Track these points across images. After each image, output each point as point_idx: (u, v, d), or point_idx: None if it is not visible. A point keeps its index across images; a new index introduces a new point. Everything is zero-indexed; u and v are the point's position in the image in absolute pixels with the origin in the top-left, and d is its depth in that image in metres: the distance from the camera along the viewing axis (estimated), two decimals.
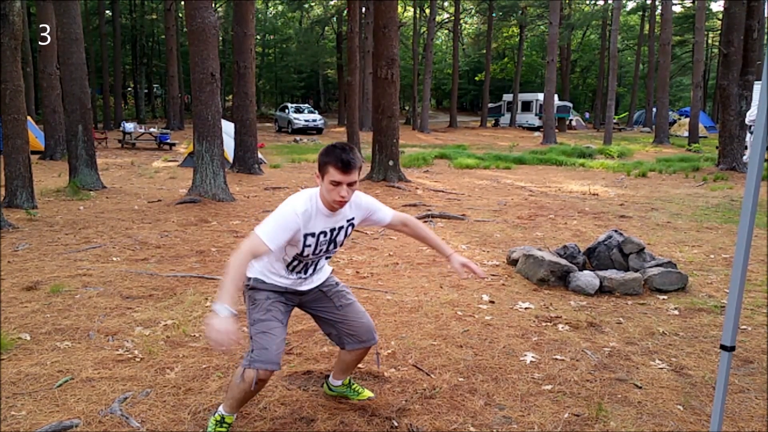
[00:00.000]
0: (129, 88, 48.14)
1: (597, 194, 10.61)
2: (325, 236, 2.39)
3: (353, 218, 2.46)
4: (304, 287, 2.53)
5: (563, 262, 4.77)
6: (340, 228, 2.42)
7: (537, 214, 8.26)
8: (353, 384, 2.81)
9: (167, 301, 4.23)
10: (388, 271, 5.18)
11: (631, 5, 47.94)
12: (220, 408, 2.47)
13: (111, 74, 34.57)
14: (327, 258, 2.56)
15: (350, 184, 2.27)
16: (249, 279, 2.47)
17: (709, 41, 47.41)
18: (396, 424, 2.58)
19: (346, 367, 2.72)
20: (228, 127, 12.98)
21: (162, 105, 45.51)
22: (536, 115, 38.23)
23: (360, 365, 3.12)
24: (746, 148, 13.95)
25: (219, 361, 3.20)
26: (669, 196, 10.31)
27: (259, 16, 44.79)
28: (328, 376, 2.88)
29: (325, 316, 2.58)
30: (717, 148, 15.23)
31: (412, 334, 3.65)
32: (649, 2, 38.79)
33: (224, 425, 2.44)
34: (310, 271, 2.49)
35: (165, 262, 5.33)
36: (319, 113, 34.67)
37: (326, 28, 47.83)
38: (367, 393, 2.81)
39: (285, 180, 12.09)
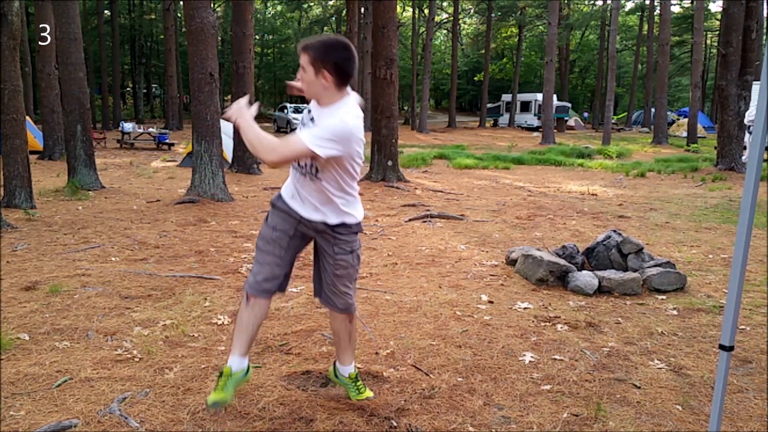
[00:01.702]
0: (128, 88, 48.12)
1: (596, 194, 10.62)
2: (307, 115, 2.52)
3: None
4: (303, 211, 2.53)
5: (562, 262, 4.78)
6: (304, 124, 2.49)
7: (536, 214, 8.26)
8: (359, 381, 2.81)
9: (166, 301, 4.22)
10: (387, 271, 5.18)
11: (629, 5, 48.06)
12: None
13: (110, 74, 34.54)
14: (309, 175, 2.50)
15: (301, 67, 2.40)
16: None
17: (708, 42, 47.48)
18: (395, 424, 2.58)
19: (339, 341, 2.75)
20: (227, 127, 12.94)
21: (161, 105, 45.51)
22: (535, 115, 38.29)
23: (359, 365, 3.12)
24: (745, 148, 13.97)
25: (218, 361, 3.20)
26: (667, 197, 10.32)
27: (258, 16, 44.82)
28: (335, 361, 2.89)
29: (325, 266, 2.62)
30: (715, 148, 15.25)
31: (411, 334, 3.65)
32: (647, 2, 38.83)
33: (223, 377, 2.51)
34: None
35: (164, 262, 5.33)
36: None
37: (325, 28, 47.84)
38: (368, 393, 2.80)
39: (284, 180, 12.05)
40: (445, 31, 51.83)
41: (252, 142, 2.27)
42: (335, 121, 2.32)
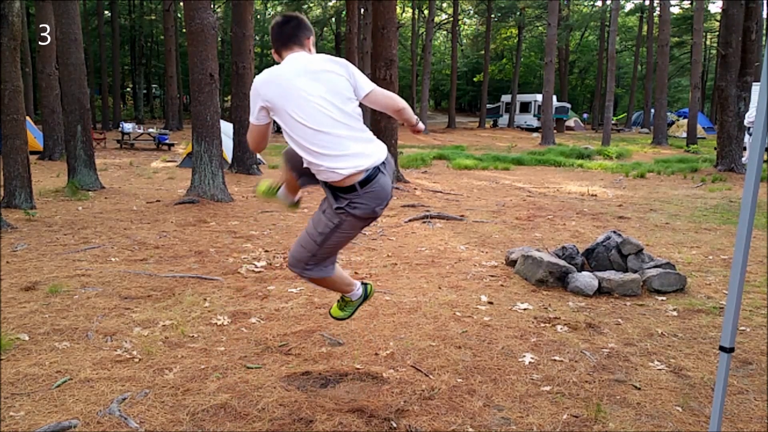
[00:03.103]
0: (128, 89, 48.14)
1: (595, 195, 10.62)
2: None
3: None
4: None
5: (562, 263, 4.78)
6: None
7: (535, 214, 8.26)
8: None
9: (166, 301, 4.22)
10: (387, 272, 5.18)
11: (629, 6, 48.07)
12: None
13: (110, 74, 34.56)
14: None
15: None
16: None
17: (708, 42, 47.51)
18: (395, 425, 2.58)
19: None
20: (227, 128, 12.97)
21: (161, 105, 45.52)
22: (534, 115, 38.33)
23: (358, 366, 3.13)
24: (744, 149, 13.97)
25: (217, 361, 3.20)
26: (667, 197, 10.32)
27: (258, 16, 44.79)
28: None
29: None
30: (715, 149, 15.25)
31: (410, 334, 3.65)
32: (647, 3, 38.86)
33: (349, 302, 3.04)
34: None
35: (163, 263, 5.33)
36: None
37: (325, 28, 47.87)
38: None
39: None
40: (444, 32, 51.86)
41: None
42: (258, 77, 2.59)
